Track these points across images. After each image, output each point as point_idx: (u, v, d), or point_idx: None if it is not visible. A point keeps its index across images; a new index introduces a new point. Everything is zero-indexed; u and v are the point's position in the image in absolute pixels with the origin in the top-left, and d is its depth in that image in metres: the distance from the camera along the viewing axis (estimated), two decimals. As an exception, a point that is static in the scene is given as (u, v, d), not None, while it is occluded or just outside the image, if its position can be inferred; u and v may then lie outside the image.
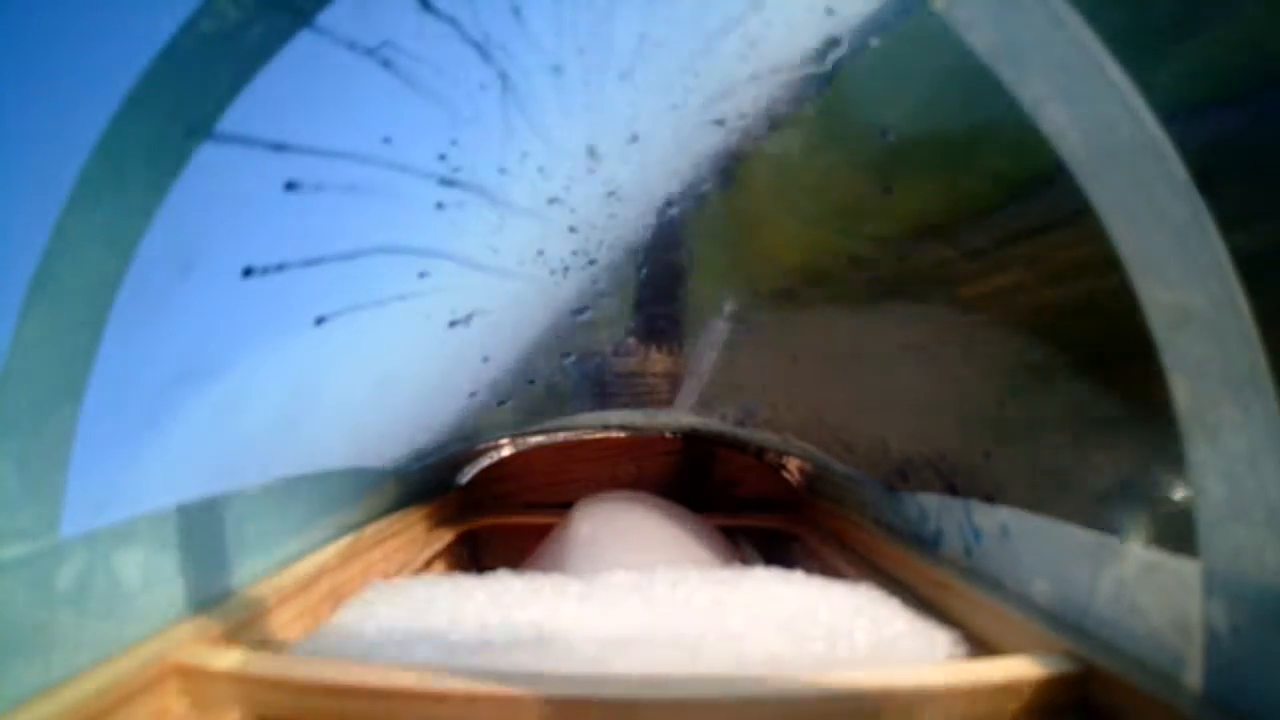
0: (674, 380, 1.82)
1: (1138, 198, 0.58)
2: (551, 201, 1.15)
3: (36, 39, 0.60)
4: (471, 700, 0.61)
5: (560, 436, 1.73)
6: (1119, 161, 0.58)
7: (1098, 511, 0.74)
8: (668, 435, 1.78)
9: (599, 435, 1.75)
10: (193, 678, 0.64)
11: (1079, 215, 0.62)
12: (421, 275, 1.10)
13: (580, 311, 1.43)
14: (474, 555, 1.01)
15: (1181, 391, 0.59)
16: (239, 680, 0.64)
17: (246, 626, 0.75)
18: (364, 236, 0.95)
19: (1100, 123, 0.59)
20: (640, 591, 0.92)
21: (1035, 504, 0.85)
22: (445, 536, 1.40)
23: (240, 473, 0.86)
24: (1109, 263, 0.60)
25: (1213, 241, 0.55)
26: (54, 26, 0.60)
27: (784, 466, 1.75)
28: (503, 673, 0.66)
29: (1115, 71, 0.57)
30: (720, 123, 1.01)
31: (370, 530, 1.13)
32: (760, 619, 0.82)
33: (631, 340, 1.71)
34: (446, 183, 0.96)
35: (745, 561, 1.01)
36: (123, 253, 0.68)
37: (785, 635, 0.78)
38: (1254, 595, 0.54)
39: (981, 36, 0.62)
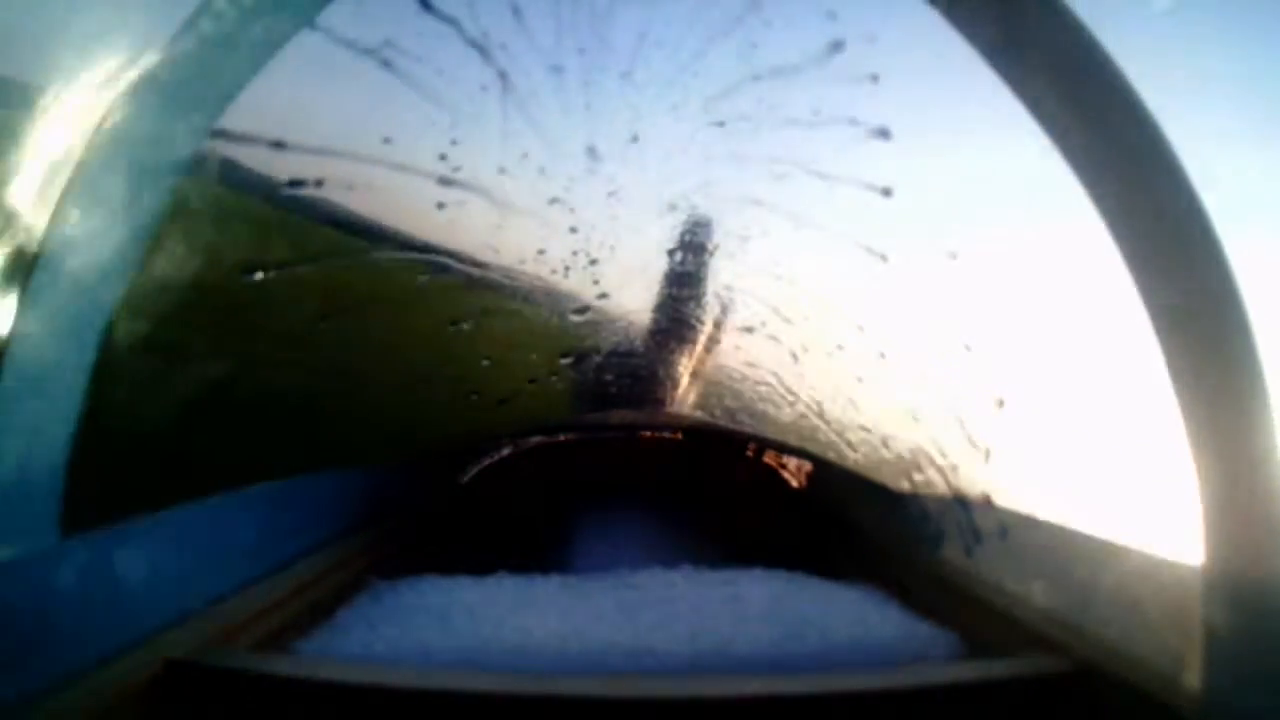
0: (674, 381, 1.82)
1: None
2: (552, 202, 1.15)
3: (40, 38, 0.60)
4: (470, 699, 0.61)
5: (560, 437, 1.73)
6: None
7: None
8: (667, 435, 1.78)
9: (599, 435, 1.75)
10: (192, 678, 0.64)
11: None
12: (422, 275, 1.11)
13: (581, 312, 1.43)
14: (473, 555, 1.02)
15: (1182, 391, 0.59)
16: (238, 680, 0.64)
17: (246, 626, 0.75)
18: (364, 236, 0.95)
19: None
20: (637, 591, 0.92)
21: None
22: (444, 536, 1.40)
23: (239, 472, 0.86)
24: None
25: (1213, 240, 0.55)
26: (57, 26, 0.61)
27: (784, 466, 1.75)
28: (499, 672, 0.66)
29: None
30: (721, 124, 1.01)
31: (369, 530, 1.13)
32: (759, 619, 0.82)
33: (632, 341, 1.71)
34: (446, 183, 0.96)
35: (743, 561, 1.01)
36: (125, 252, 0.68)
37: (784, 635, 0.78)
38: (1254, 595, 0.54)
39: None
